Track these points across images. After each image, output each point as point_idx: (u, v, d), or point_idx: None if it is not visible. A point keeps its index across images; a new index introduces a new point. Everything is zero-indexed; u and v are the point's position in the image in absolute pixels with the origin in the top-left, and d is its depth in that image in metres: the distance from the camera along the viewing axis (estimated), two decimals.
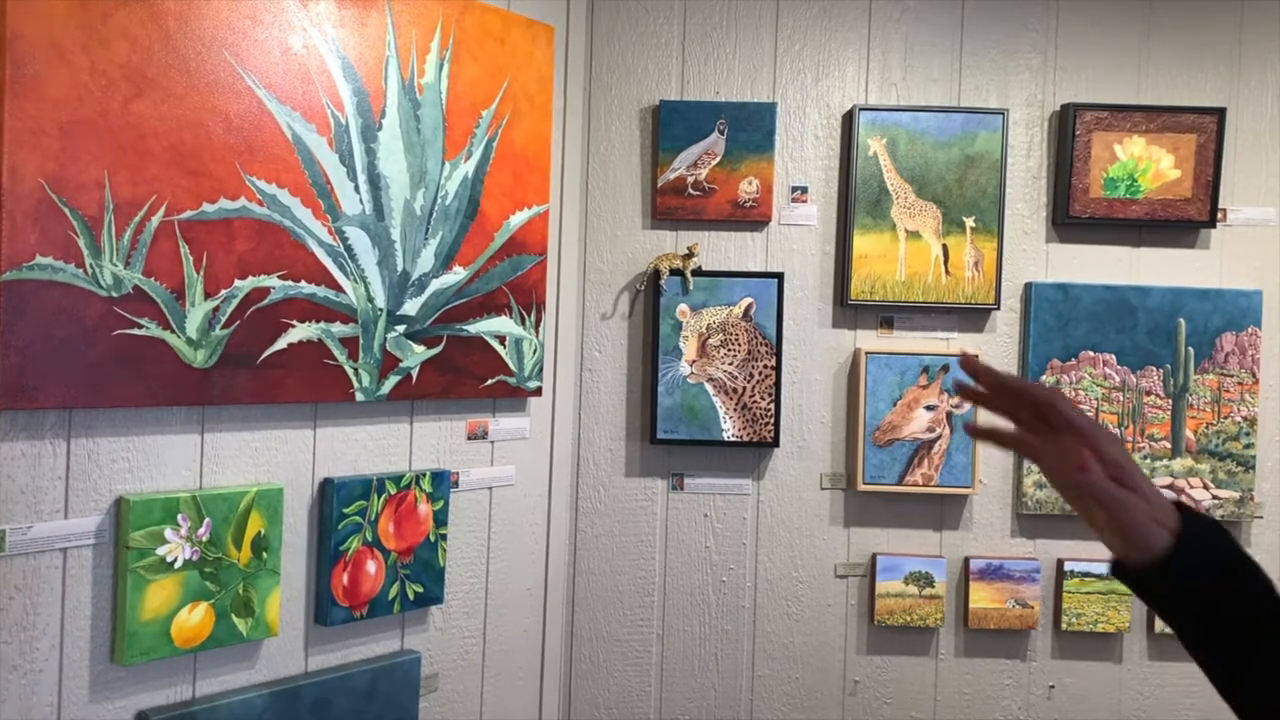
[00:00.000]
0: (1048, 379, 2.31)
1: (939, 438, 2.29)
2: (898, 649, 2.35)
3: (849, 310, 2.33)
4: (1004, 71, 2.34)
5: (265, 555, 1.70)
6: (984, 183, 2.30)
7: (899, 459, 2.29)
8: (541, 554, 2.23)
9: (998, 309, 2.32)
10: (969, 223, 2.30)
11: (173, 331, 1.56)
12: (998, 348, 2.34)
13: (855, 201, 2.28)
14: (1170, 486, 2.30)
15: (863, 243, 2.29)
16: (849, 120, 2.31)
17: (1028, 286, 2.33)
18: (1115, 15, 2.34)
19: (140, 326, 1.52)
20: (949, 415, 2.29)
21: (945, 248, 2.30)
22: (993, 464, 2.34)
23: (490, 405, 2.11)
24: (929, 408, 2.29)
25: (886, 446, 2.29)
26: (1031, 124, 2.34)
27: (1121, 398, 2.31)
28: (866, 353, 2.29)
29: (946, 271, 2.30)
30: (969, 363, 0.87)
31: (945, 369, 2.28)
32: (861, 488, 2.28)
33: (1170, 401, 2.32)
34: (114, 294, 1.49)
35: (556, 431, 2.25)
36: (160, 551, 1.57)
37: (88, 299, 1.47)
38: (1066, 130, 2.31)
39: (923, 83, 2.34)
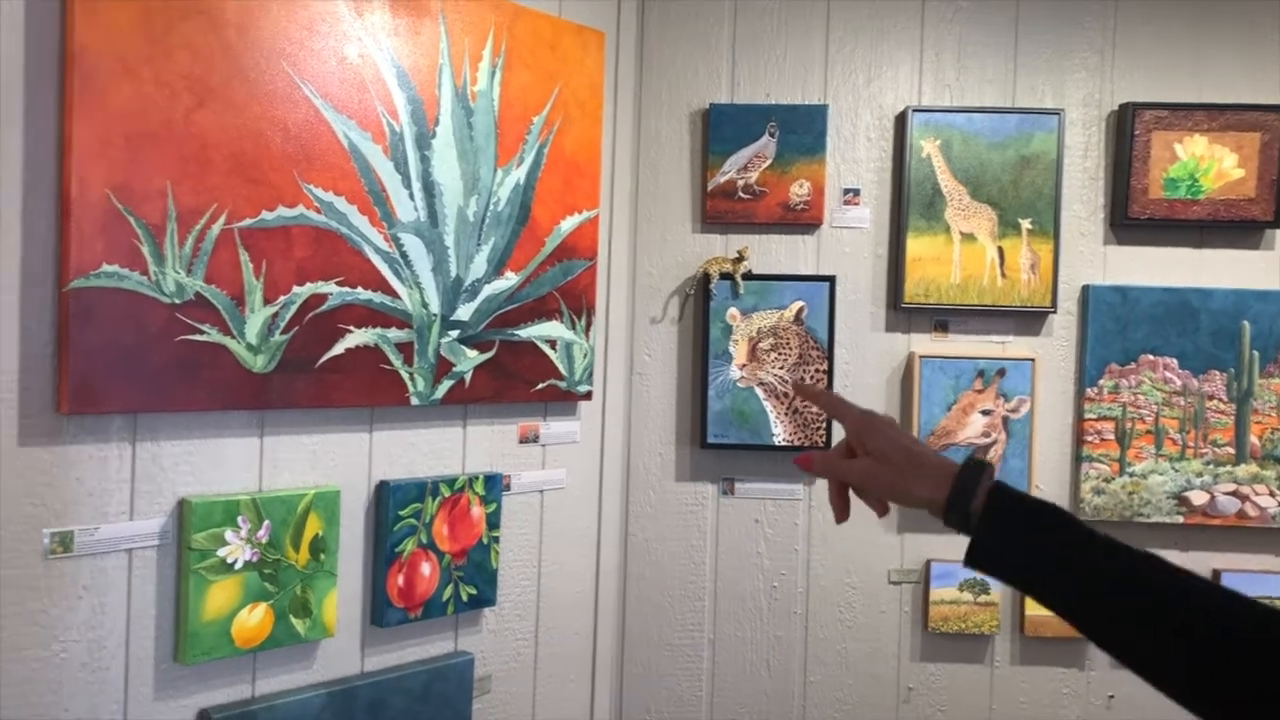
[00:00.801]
0: (1106, 383, 2.27)
1: (994, 443, 2.26)
2: (952, 656, 2.32)
3: (902, 313, 2.31)
4: (1060, 71, 2.30)
5: (323, 557, 1.73)
6: (1040, 184, 2.26)
7: None
8: (592, 557, 2.24)
9: (1054, 312, 2.28)
10: (1025, 225, 2.26)
11: (233, 337, 1.59)
12: (1054, 351, 2.30)
13: (909, 204, 2.26)
14: (1234, 493, 2.25)
15: (916, 245, 2.26)
16: (902, 122, 2.29)
17: (1085, 289, 2.29)
18: (1174, 12, 2.29)
19: (202, 332, 1.56)
20: (1005, 420, 2.26)
21: (1001, 250, 2.26)
22: (1049, 469, 2.30)
23: (541, 409, 2.12)
24: (984, 412, 2.26)
25: (941, 452, 2.25)
26: (1089, 124, 2.31)
27: (1183, 402, 2.26)
28: (921, 356, 2.26)
29: (1002, 274, 2.26)
30: (797, 386, 1.03)
31: (1001, 373, 2.25)
32: None
33: (1234, 406, 2.26)
34: (176, 301, 1.53)
35: (607, 436, 2.26)
36: (221, 553, 1.60)
37: (151, 306, 1.50)
38: (1125, 130, 2.26)
39: (977, 83, 2.31)
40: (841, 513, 1.01)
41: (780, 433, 2.26)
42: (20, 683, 1.43)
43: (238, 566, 1.62)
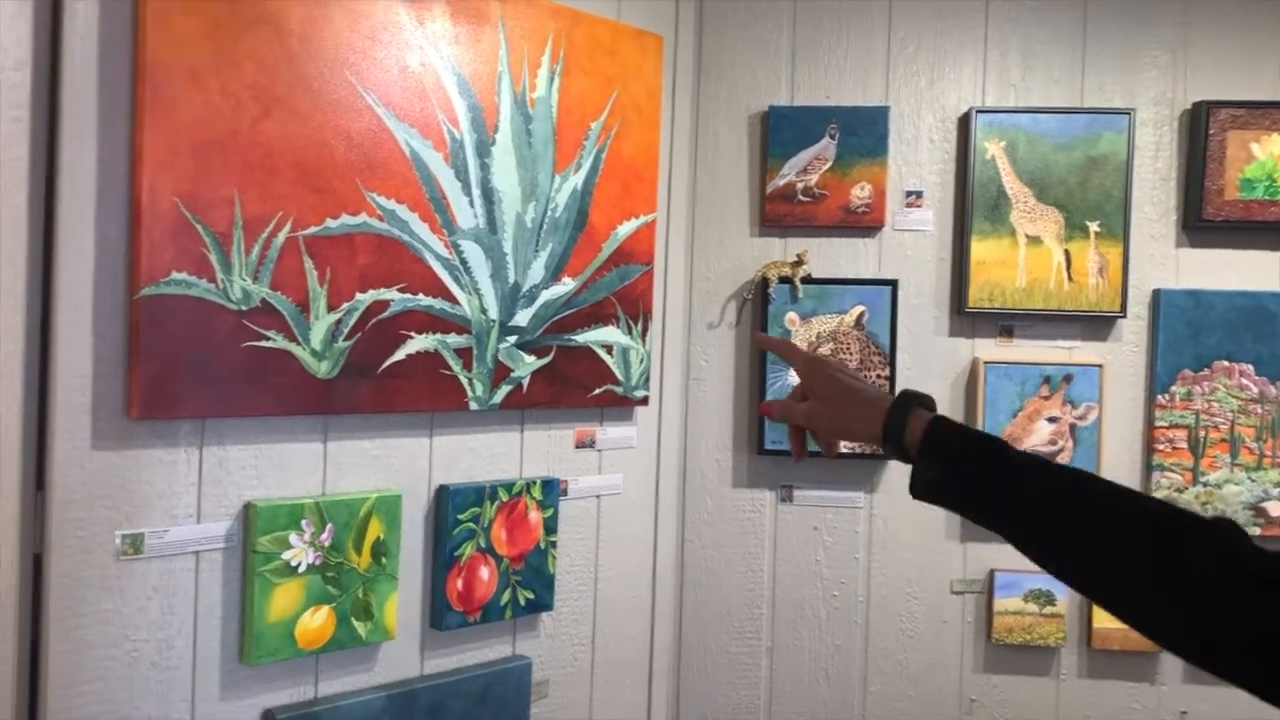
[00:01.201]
0: (1178, 390, 2.20)
1: (1061, 450, 2.20)
2: (1016, 668, 2.27)
3: (966, 318, 2.26)
4: (1130, 70, 2.24)
5: (384, 560, 1.74)
6: (1109, 186, 2.21)
7: None
8: (649, 563, 2.23)
9: (1124, 317, 2.22)
10: (1093, 227, 2.21)
11: (298, 343, 1.62)
12: (1124, 357, 2.24)
13: (973, 206, 2.22)
14: None
15: (981, 248, 2.22)
16: (965, 123, 2.25)
17: (1156, 293, 2.23)
18: (1248, 8, 2.22)
19: (267, 339, 1.58)
20: (1072, 427, 2.20)
21: (1068, 253, 2.21)
22: (1119, 478, 2.20)
23: (598, 414, 2.12)
24: (1051, 420, 2.21)
25: None
26: (1160, 124, 2.24)
27: (1260, 410, 2.19)
28: (985, 362, 2.22)
29: (1069, 278, 2.21)
30: (757, 336, 1.09)
31: (1068, 379, 2.20)
32: None
33: None
34: (243, 307, 1.55)
35: (663, 441, 2.25)
36: (285, 556, 1.62)
37: (219, 312, 1.53)
38: (1198, 130, 2.20)
39: (1043, 83, 2.26)
40: (798, 454, 1.10)
41: None
42: (94, 680, 1.47)
43: (301, 569, 1.64)
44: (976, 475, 0.89)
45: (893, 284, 2.24)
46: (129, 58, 1.45)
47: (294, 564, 1.63)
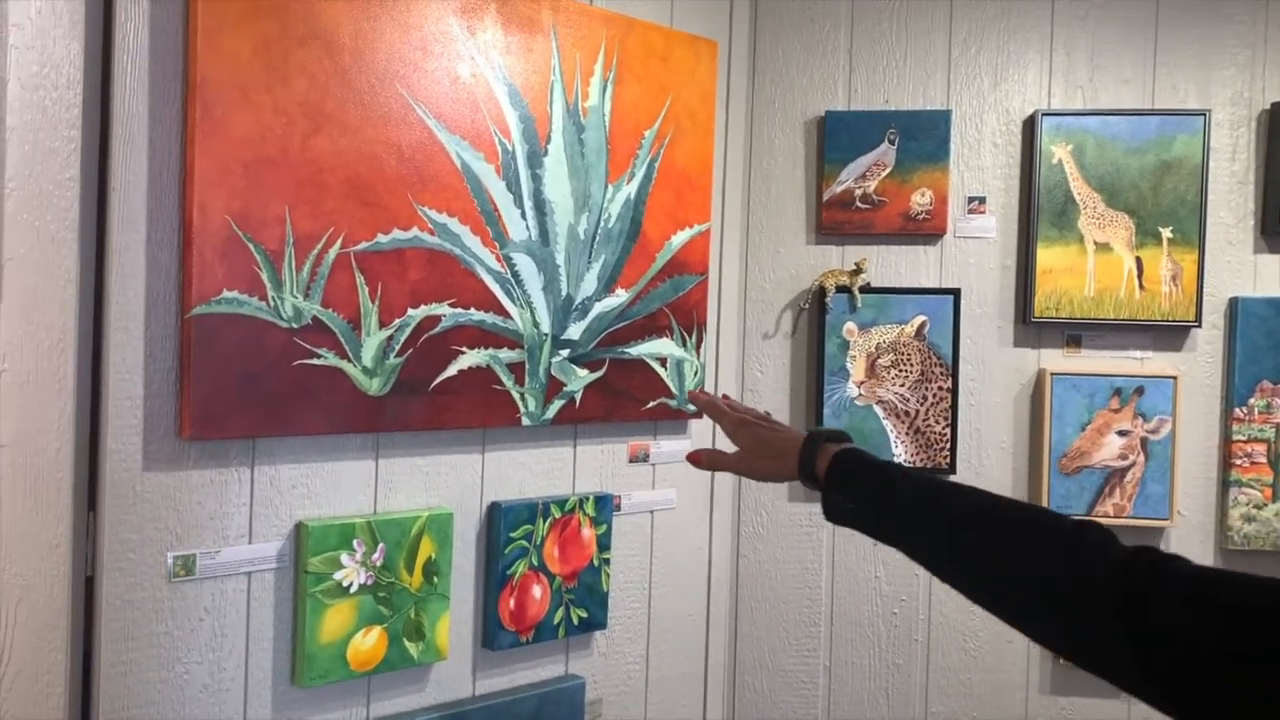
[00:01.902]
0: (1257, 402, 2.10)
1: (1132, 465, 2.12)
2: (1085, 690, 2.19)
3: (1032, 328, 2.18)
4: (1205, 69, 2.15)
5: (436, 579, 1.72)
6: (1182, 190, 2.12)
7: (1088, 488, 2.13)
8: (703, 580, 2.19)
9: (1198, 326, 2.13)
10: (1165, 233, 2.12)
11: (349, 361, 1.59)
12: (1198, 368, 2.15)
13: (1038, 212, 2.14)
14: None
15: (1047, 256, 2.14)
16: (1031, 126, 2.17)
17: (1233, 301, 2.13)
18: None
19: (319, 356, 1.56)
20: (1144, 441, 2.12)
21: (1139, 260, 2.13)
22: (1193, 494, 2.15)
23: (651, 428, 2.08)
24: (1121, 433, 2.12)
25: (1074, 474, 2.13)
26: (1237, 125, 2.15)
27: None
28: (1052, 373, 2.14)
29: (1141, 286, 2.13)
30: (693, 396, 1.32)
31: (1139, 391, 2.11)
32: None
33: None
34: (294, 325, 1.53)
35: None
36: (337, 576, 1.60)
37: (270, 331, 1.51)
38: (1278, 130, 2.10)
39: (1112, 84, 2.17)
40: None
41: (901, 453, 2.17)
42: (145, 704, 1.46)
43: (353, 590, 1.62)
44: (869, 496, 1.02)
45: (955, 293, 2.17)
46: (179, 76, 1.44)
47: (346, 584, 1.61)
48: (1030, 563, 0.86)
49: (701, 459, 1.24)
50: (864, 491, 1.02)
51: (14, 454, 1.37)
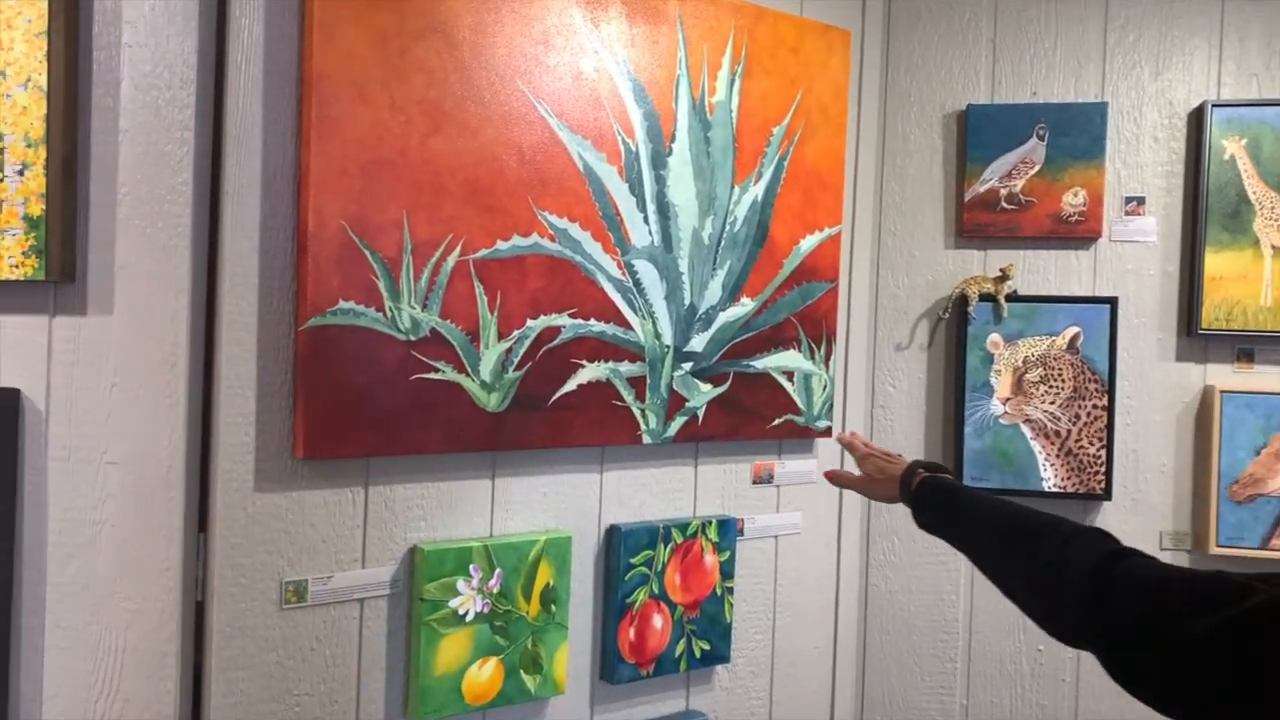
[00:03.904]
0: None
1: None
2: None
3: (1198, 341, 1.98)
4: None
5: (554, 608, 1.61)
6: None
7: (1263, 519, 1.92)
8: (830, 610, 2.04)
9: None
10: None
11: (467, 375, 1.49)
12: None
13: (1206, 213, 1.94)
14: None
15: (1216, 261, 1.94)
16: (1198, 119, 1.97)
17: None
18: None
19: (437, 370, 1.47)
20: None
21: None
22: None
23: (776, 447, 1.94)
24: None
25: (1247, 503, 1.92)
26: None
27: None
28: (1221, 391, 1.93)
29: None
30: (829, 475, 1.50)
31: None
32: (1214, 550, 1.93)
33: None
34: (411, 338, 1.44)
35: None
36: (453, 604, 1.50)
37: (387, 343, 1.42)
38: None
39: None
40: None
41: (1051, 477, 1.99)
42: None
43: (469, 618, 1.52)
44: (943, 511, 1.21)
45: (1111, 302, 1.98)
46: (294, 74, 1.36)
47: (461, 612, 1.51)
48: (1032, 560, 1.03)
49: (831, 476, 1.49)
50: (937, 504, 1.23)
51: (124, 472, 1.30)
